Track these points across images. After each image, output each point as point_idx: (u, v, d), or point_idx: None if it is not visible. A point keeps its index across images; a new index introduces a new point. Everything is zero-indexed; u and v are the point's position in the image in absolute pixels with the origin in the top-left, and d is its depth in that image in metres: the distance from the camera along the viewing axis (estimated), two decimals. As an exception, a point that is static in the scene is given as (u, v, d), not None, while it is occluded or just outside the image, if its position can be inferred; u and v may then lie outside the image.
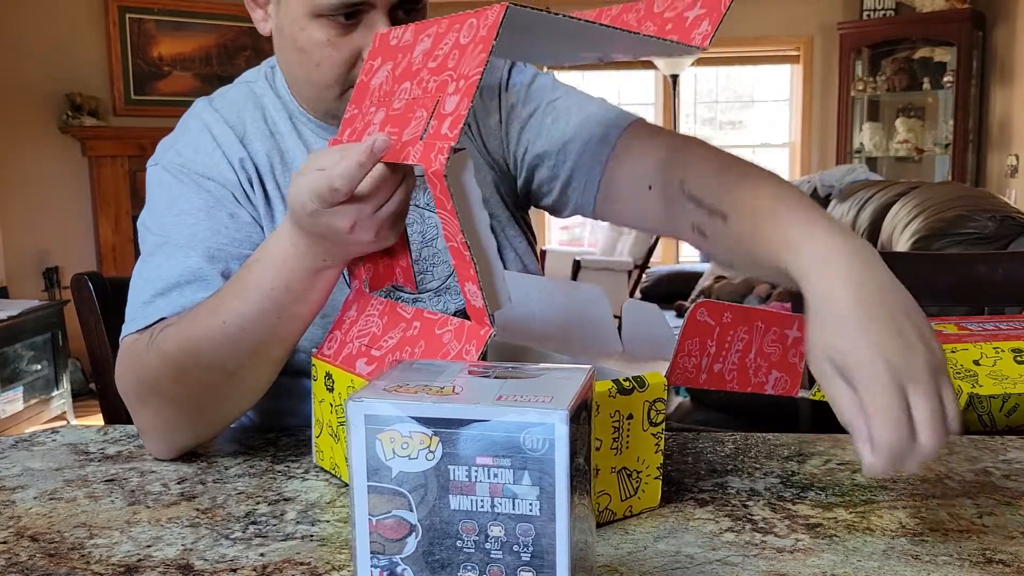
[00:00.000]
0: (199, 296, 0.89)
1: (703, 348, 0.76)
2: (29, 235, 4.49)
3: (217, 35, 5.09)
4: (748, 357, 0.78)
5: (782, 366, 0.79)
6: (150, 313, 0.89)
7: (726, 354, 0.77)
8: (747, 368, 0.78)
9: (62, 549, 0.67)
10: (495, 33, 0.65)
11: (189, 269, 0.91)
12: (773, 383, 0.79)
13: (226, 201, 0.97)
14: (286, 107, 1.03)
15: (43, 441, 0.94)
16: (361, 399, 0.48)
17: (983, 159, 5.32)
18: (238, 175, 0.98)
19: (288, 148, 1.01)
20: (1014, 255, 1.51)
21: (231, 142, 1.00)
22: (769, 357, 0.79)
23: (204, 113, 1.03)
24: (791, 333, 0.79)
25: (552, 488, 0.46)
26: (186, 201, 0.96)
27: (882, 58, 5.65)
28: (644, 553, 0.65)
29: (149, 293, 0.91)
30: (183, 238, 0.94)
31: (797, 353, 0.79)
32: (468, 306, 0.71)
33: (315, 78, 0.94)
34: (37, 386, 3.92)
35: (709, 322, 0.76)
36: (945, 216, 2.71)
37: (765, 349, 0.78)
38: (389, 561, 0.48)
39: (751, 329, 0.77)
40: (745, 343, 0.77)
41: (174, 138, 1.03)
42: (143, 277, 0.94)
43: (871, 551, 0.65)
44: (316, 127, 1.03)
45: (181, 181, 0.98)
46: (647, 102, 6.33)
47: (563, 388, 0.48)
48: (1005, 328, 1.03)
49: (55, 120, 4.56)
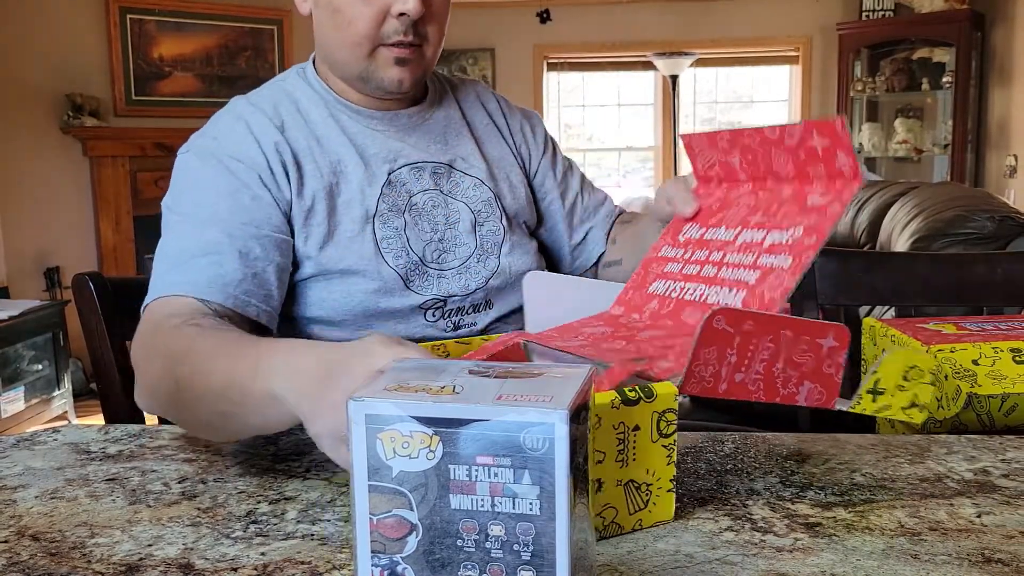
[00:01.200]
0: (213, 270, 0.95)
1: (722, 357, 0.72)
2: (30, 235, 4.49)
3: (218, 36, 5.09)
4: (776, 367, 0.73)
5: (816, 376, 0.74)
6: (169, 282, 0.95)
7: (748, 363, 0.73)
8: (774, 378, 0.74)
9: (63, 548, 0.68)
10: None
11: (207, 241, 0.97)
12: (806, 394, 0.74)
13: (251, 182, 1.02)
14: (321, 97, 1.12)
15: (44, 440, 0.94)
16: (362, 398, 0.48)
17: (982, 159, 5.32)
18: (268, 157, 1.04)
19: (323, 134, 1.09)
20: (1013, 255, 1.51)
21: (267, 129, 1.06)
22: (800, 367, 0.73)
23: (239, 107, 1.09)
24: (825, 343, 0.73)
25: (552, 487, 0.46)
26: (209, 182, 1.02)
27: (881, 58, 5.65)
28: (644, 552, 0.66)
29: (167, 265, 0.97)
30: (205, 216, 0.99)
31: (833, 364, 0.74)
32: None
33: (347, 35, 1.03)
34: (38, 386, 3.92)
35: (728, 330, 0.72)
36: (944, 216, 2.71)
37: (795, 359, 0.73)
38: (390, 560, 0.49)
39: (777, 338, 0.73)
40: (771, 352, 0.73)
41: (205, 128, 1.09)
42: (163, 251, 1.00)
43: (870, 550, 0.65)
44: (352, 112, 1.11)
45: (208, 164, 1.03)
46: (647, 102, 6.33)
47: (563, 388, 0.49)
48: (1004, 328, 1.04)
49: (56, 120, 4.57)
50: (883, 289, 1.38)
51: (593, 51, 6.08)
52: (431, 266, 1.09)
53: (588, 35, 6.01)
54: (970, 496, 0.76)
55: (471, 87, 1.23)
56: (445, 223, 1.10)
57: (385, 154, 1.10)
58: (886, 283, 1.37)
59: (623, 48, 6.03)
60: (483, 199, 1.13)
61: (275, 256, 1.01)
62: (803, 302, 1.34)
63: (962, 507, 0.73)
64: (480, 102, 1.22)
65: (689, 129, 6.25)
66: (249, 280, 0.97)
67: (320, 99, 1.11)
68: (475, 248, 1.12)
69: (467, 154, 1.15)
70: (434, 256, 1.09)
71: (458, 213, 1.11)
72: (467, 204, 1.12)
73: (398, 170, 1.09)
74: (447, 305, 1.09)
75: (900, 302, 1.41)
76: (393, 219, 1.07)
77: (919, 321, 1.09)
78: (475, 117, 1.20)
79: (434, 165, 1.12)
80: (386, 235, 1.07)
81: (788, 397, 0.74)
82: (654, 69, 5.78)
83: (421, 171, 1.11)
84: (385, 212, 1.07)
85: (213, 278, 0.95)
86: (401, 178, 1.09)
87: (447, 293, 1.09)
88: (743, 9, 5.82)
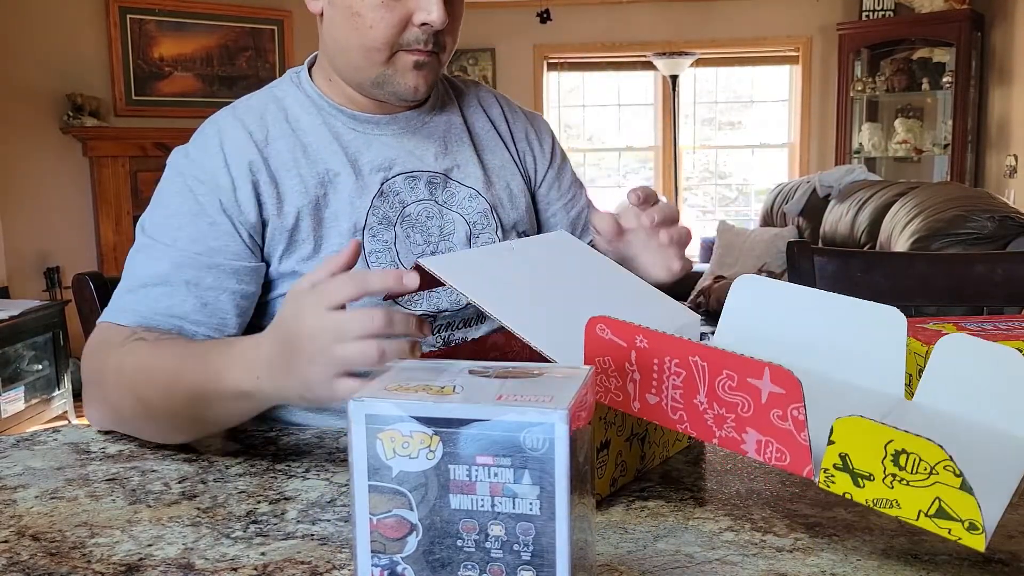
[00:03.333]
0: (162, 300, 0.97)
1: (622, 371, 0.65)
2: (30, 235, 4.49)
3: (218, 36, 5.09)
4: (697, 399, 0.63)
5: (765, 428, 0.60)
6: (121, 306, 0.98)
7: (658, 386, 0.64)
8: (700, 413, 0.63)
9: (63, 548, 0.68)
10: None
11: (157, 273, 0.98)
12: (757, 447, 0.61)
13: (211, 208, 1.00)
14: (313, 102, 1.09)
15: (44, 440, 0.94)
16: (362, 398, 0.48)
17: (982, 159, 5.32)
18: (234, 179, 1.01)
19: (311, 142, 1.06)
20: (1013, 255, 1.51)
21: (242, 146, 1.03)
22: (735, 409, 0.61)
23: (221, 119, 1.07)
24: (763, 386, 0.60)
25: (552, 487, 0.46)
26: (176, 203, 1.02)
27: (881, 58, 5.65)
28: (644, 552, 0.66)
29: (124, 288, 0.99)
30: (165, 240, 1.00)
31: (787, 417, 0.59)
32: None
33: (367, 40, 1.01)
34: (38, 386, 3.92)
35: (617, 341, 0.65)
36: (944, 216, 2.71)
37: (722, 396, 0.62)
38: (390, 560, 0.49)
39: (686, 363, 0.63)
40: (685, 380, 0.63)
41: (190, 140, 1.07)
42: (127, 271, 1.01)
43: (870, 550, 0.65)
44: (347, 118, 1.09)
45: (175, 183, 1.03)
46: (647, 102, 6.34)
47: (563, 388, 0.49)
48: (1004, 328, 1.04)
49: (56, 120, 4.57)
50: (883, 289, 1.38)
51: (593, 51, 6.08)
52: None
53: (588, 35, 6.02)
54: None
55: (473, 91, 1.21)
56: (439, 234, 1.08)
57: (380, 162, 1.07)
58: (886, 283, 1.38)
59: (623, 48, 6.03)
60: (479, 210, 1.11)
61: (230, 284, 0.99)
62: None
63: (962, 507, 0.73)
64: (482, 107, 1.19)
65: (689, 130, 6.25)
66: (199, 311, 0.97)
67: (313, 105, 1.08)
68: None
69: (464, 162, 1.12)
70: None
71: (453, 224, 1.09)
72: (462, 215, 1.10)
73: (392, 179, 1.06)
74: (437, 320, 1.06)
75: (900, 302, 1.40)
76: (383, 232, 1.04)
77: (919, 321, 1.09)
78: (476, 123, 1.17)
79: (430, 175, 1.09)
80: (375, 248, 1.04)
81: (730, 443, 0.62)
82: (654, 69, 5.78)
83: (416, 181, 1.08)
84: (375, 225, 1.04)
85: (163, 309, 0.96)
86: (395, 187, 1.06)
87: (437, 308, 1.06)
88: (743, 9, 5.83)
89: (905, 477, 0.55)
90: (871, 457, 0.56)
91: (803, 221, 4.12)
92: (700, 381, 0.62)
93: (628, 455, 0.77)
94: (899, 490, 0.56)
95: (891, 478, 0.56)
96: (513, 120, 1.21)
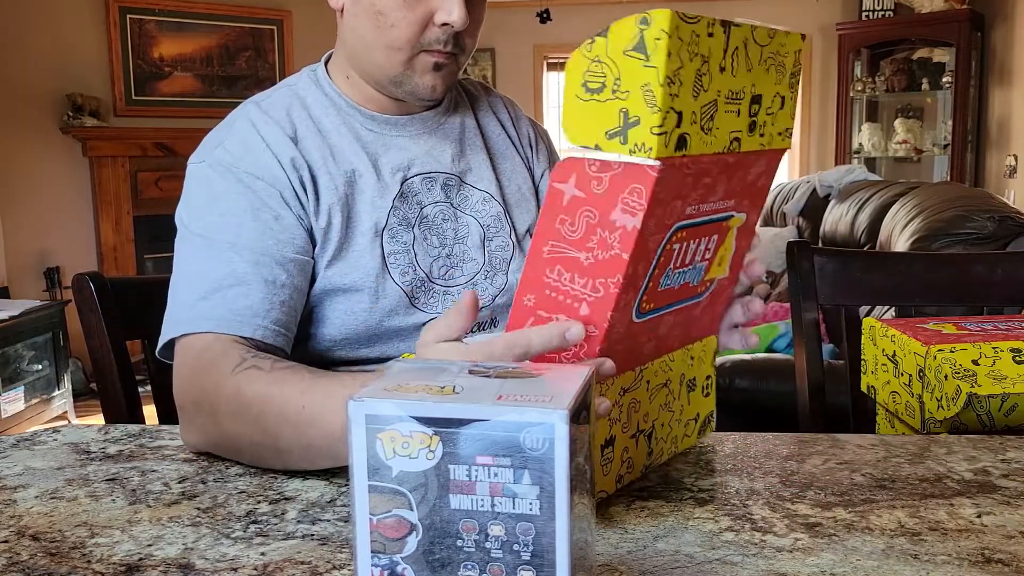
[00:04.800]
0: (240, 300, 0.92)
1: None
2: (30, 235, 4.50)
3: (218, 36, 5.10)
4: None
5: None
6: (200, 314, 0.92)
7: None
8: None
9: (63, 548, 0.68)
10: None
11: (233, 273, 0.94)
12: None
13: (272, 202, 0.99)
14: (333, 103, 1.08)
15: (44, 440, 0.94)
16: (362, 398, 0.48)
17: (982, 159, 5.32)
18: (288, 174, 1.00)
19: (336, 143, 1.05)
20: (1013, 255, 1.51)
21: (281, 141, 1.02)
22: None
23: (251, 113, 1.05)
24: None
25: (552, 487, 0.46)
26: (230, 201, 0.98)
27: (881, 59, 5.66)
28: (644, 552, 0.66)
29: (194, 296, 0.94)
30: (228, 239, 0.96)
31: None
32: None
33: (389, 39, 1.00)
34: (38, 386, 3.92)
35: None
36: (944, 216, 2.72)
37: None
38: (389, 560, 0.49)
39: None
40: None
41: (219, 136, 1.04)
42: (187, 278, 0.96)
43: (870, 550, 0.65)
44: (365, 118, 1.08)
45: (226, 180, 0.99)
46: (647, 102, 6.33)
47: (563, 388, 0.49)
48: (1004, 328, 1.04)
49: (56, 121, 4.57)
50: (883, 289, 1.38)
51: (593, 51, 6.07)
52: (437, 282, 1.06)
53: (588, 35, 5.93)
54: (970, 496, 0.76)
55: (483, 95, 1.21)
56: (454, 237, 1.08)
57: (399, 162, 1.06)
58: (886, 283, 1.38)
59: (623, 48, 6.02)
60: (492, 214, 1.11)
61: (299, 280, 0.98)
62: (803, 302, 1.34)
63: (962, 507, 0.73)
64: (492, 111, 1.19)
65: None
66: (277, 309, 0.95)
67: (332, 105, 1.07)
68: (483, 264, 1.09)
69: (478, 165, 1.12)
70: (441, 272, 1.06)
71: (467, 227, 1.09)
72: (476, 219, 1.10)
73: (411, 179, 1.06)
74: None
75: (900, 302, 1.41)
76: (402, 233, 1.04)
77: (919, 321, 1.09)
78: (488, 127, 1.17)
79: (446, 176, 1.09)
80: (394, 250, 1.04)
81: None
82: (654, 69, 5.77)
83: (433, 182, 1.08)
84: (395, 226, 1.04)
85: (242, 310, 0.93)
86: (413, 188, 1.06)
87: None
88: (743, 9, 5.82)
89: None
90: None
91: (803, 221, 4.12)
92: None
93: (635, 452, 0.77)
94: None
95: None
96: (518, 122, 1.22)
